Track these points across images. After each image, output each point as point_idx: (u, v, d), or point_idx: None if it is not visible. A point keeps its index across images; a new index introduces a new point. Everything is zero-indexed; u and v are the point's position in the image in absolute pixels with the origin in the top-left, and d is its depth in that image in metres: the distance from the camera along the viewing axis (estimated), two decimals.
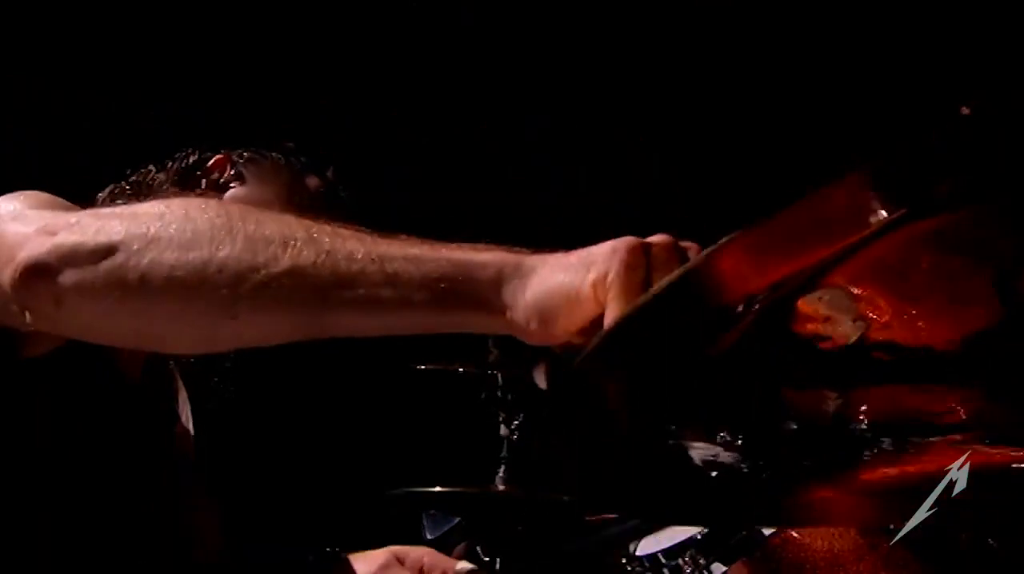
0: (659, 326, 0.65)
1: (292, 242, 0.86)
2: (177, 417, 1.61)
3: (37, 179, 1.18)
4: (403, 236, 0.88)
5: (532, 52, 2.97)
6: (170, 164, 1.58)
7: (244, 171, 1.57)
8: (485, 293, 0.82)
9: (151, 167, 1.58)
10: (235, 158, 1.59)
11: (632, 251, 0.79)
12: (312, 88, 3.08)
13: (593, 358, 0.68)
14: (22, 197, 1.10)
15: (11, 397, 1.20)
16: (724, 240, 0.59)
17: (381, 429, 2.88)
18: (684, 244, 0.81)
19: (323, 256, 0.85)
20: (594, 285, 0.79)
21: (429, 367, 1.87)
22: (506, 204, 2.66)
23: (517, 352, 1.81)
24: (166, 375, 1.60)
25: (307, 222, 0.89)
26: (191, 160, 1.59)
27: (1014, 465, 0.84)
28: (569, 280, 0.80)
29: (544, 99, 3.02)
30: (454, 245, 0.86)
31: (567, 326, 0.80)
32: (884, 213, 0.55)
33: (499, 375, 1.78)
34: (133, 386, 1.45)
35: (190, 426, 1.64)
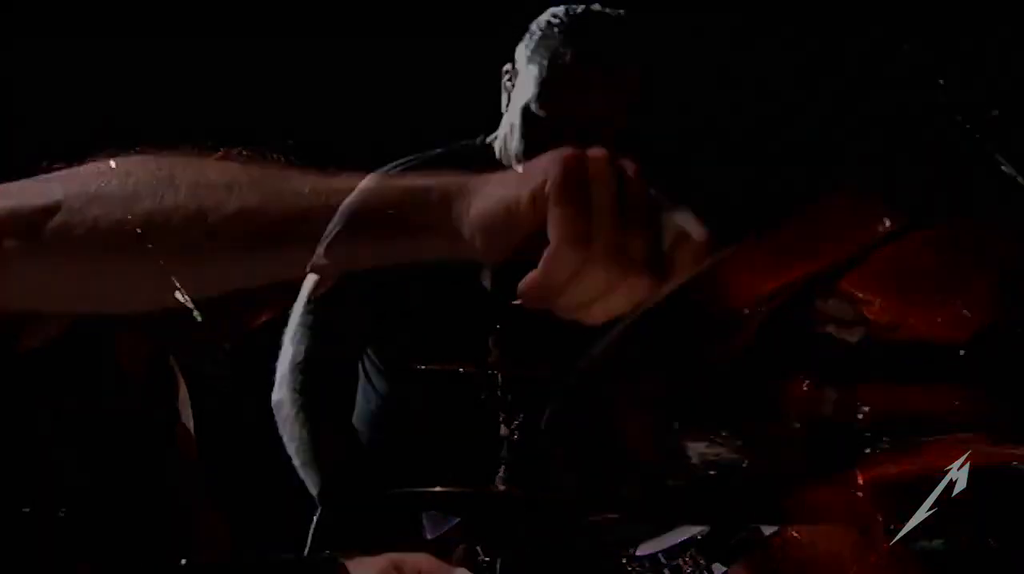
0: (663, 330, 0.65)
1: (236, 185, 0.84)
2: (178, 416, 1.61)
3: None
4: (348, 172, 0.87)
5: None
6: None
7: None
8: (433, 216, 0.81)
9: None
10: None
11: (569, 160, 0.78)
12: (312, 86, 3.08)
13: (597, 360, 0.69)
14: None
15: (9, 392, 1.20)
16: (728, 250, 0.59)
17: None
18: (621, 161, 0.80)
19: (270, 196, 0.84)
20: (533, 194, 0.78)
21: (429, 367, 1.87)
22: None
23: (517, 352, 1.81)
24: (167, 372, 1.60)
25: (249, 166, 0.88)
26: None
27: (1014, 464, 0.84)
28: (509, 193, 0.79)
29: None
30: (399, 174, 0.86)
31: (510, 238, 0.80)
32: (888, 221, 0.55)
33: (499, 375, 1.78)
34: (134, 383, 1.45)
35: (191, 425, 1.63)
